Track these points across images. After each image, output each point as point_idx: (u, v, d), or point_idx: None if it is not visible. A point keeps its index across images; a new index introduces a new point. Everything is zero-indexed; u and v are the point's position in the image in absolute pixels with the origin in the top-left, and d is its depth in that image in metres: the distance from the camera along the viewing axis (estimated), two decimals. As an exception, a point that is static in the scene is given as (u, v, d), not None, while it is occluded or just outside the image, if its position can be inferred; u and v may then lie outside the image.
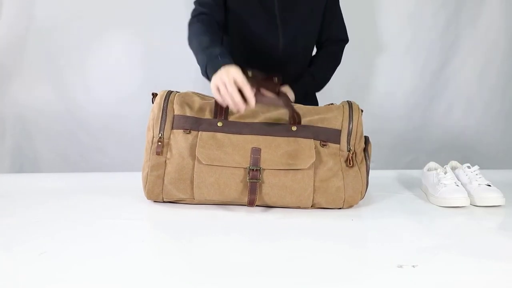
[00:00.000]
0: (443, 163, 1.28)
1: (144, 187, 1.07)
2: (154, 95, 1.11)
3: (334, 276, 0.71)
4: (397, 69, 1.92)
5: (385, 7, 1.86)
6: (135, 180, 1.16)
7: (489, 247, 0.85)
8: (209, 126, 1.05)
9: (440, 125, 1.97)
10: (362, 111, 1.11)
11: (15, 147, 1.94)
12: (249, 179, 1.01)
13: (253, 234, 0.91)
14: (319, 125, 1.07)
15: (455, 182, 1.14)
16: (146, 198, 1.09)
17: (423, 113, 1.96)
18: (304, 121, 1.08)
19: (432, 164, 1.29)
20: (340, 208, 1.07)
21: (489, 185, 1.14)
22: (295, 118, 1.07)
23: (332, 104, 1.16)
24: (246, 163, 1.02)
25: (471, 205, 1.11)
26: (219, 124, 1.06)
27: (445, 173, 1.18)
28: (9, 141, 1.93)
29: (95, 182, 1.33)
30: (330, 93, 1.49)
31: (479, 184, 1.14)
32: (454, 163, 1.29)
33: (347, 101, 1.13)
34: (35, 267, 0.73)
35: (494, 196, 1.11)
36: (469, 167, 1.20)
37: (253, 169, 1.01)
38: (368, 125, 1.16)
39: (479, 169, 1.20)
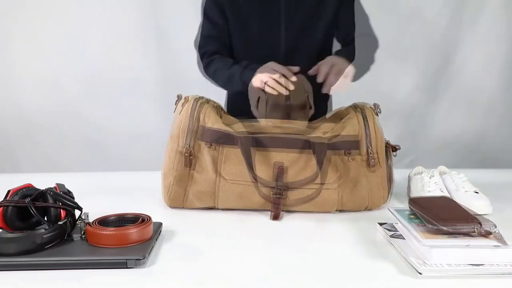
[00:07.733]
0: (443, 163, 1.26)
1: (167, 195, 1.06)
2: (179, 97, 1.09)
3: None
4: (398, 69, 1.90)
5: (385, 7, 1.83)
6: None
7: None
8: (230, 140, 1.03)
9: (440, 125, 1.95)
10: (377, 114, 1.10)
11: (12, 146, 1.97)
12: (273, 194, 1.00)
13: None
14: (340, 134, 1.06)
15: (440, 188, 1.10)
16: (166, 204, 1.08)
17: (424, 113, 1.94)
18: (325, 136, 1.06)
19: (418, 169, 1.25)
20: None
21: (477, 192, 1.10)
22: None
23: (341, 108, 1.15)
24: (270, 178, 1.01)
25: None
26: None
27: (431, 177, 1.15)
28: (7, 141, 1.96)
29: (96, 182, 1.32)
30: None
31: (466, 191, 1.10)
32: (442, 168, 1.25)
33: (358, 107, 1.11)
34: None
35: (481, 204, 1.06)
36: (457, 174, 1.17)
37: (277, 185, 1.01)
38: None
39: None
